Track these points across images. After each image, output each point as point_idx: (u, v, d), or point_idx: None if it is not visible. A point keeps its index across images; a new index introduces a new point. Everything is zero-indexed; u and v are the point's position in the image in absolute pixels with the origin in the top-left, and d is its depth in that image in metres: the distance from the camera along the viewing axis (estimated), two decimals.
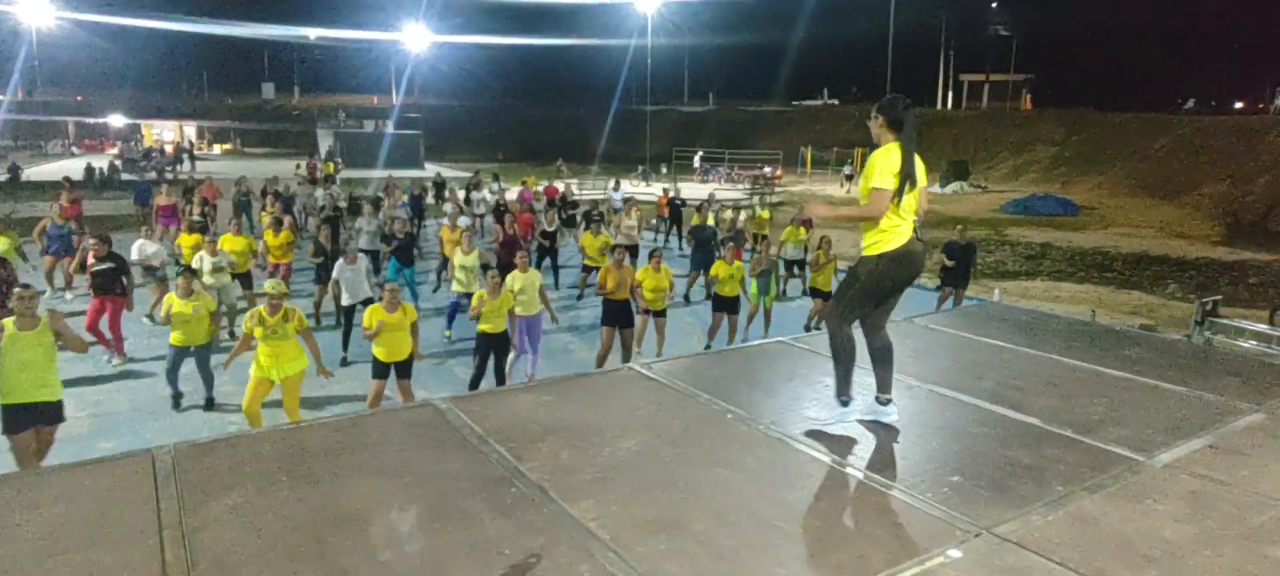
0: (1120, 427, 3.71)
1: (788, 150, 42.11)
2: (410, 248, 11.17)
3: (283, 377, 6.31)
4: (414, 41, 53.94)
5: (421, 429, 3.65)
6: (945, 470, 3.27)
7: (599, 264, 11.26)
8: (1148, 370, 4.65)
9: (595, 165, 42.27)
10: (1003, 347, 5.14)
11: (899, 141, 3.44)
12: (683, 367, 4.67)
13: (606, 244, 11.50)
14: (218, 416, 7.42)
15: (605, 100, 52.76)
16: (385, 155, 37.96)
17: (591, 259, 11.79)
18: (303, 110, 61.14)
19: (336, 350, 8.93)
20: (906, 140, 3.45)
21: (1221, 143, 30.44)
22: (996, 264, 17.99)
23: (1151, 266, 18.16)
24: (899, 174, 3.37)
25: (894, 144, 3.45)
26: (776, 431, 3.67)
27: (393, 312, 6.70)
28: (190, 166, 34.86)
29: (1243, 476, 3.23)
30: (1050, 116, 42.19)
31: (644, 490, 3.05)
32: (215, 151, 51.26)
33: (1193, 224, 24.97)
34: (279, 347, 6.28)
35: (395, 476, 3.13)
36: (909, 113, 3.49)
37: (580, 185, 27.04)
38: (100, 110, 51.46)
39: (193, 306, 7.20)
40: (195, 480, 3.05)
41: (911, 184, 3.42)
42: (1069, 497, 3.00)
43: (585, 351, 9.74)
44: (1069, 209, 27.81)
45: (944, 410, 4.01)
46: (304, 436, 3.52)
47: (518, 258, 8.47)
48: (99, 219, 17.10)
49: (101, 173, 29.36)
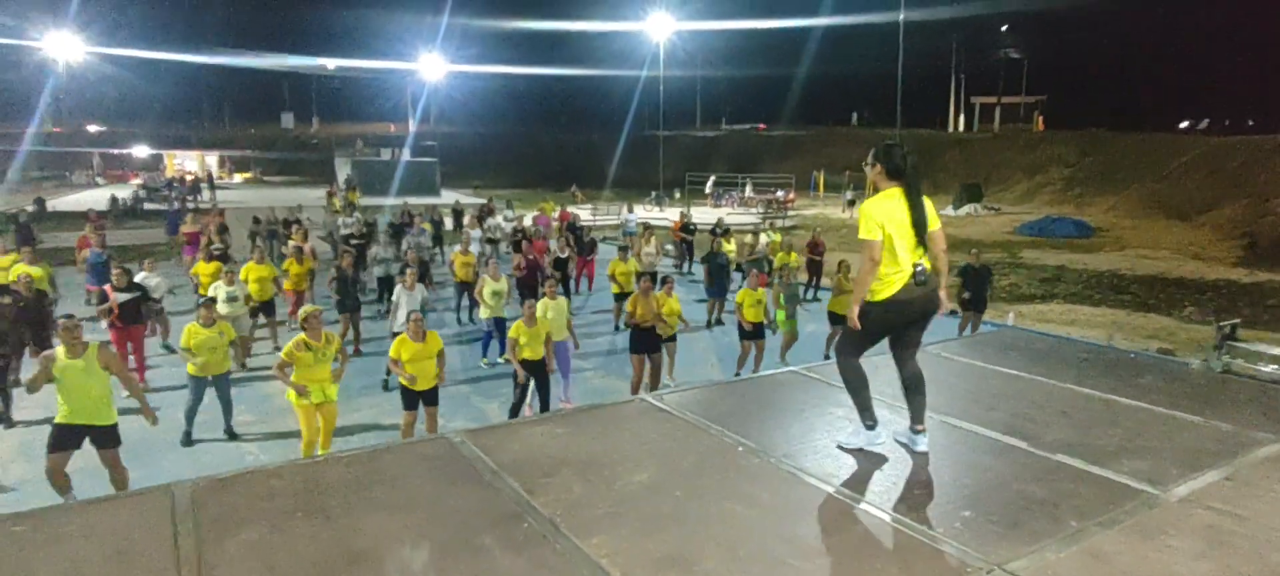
0: (1135, 459, 3.68)
1: (800, 174, 42.21)
2: (425, 273, 11.32)
3: (327, 402, 6.48)
4: (430, 70, 54.71)
5: (435, 463, 3.69)
6: (957, 504, 3.26)
7: (628, 290, 11.32)
8: (1163, 399, 4.61)
9: (608, 190, 42.55)
10: (1016, 376, 5.12)
11: (901, 189, 3.49)
12: (695, 399, 4.69)
13: (635, 270, 11.54)
14: (235, 447, 7.50)
15: (618, 125, 53.18)
16: (402, 183, 38.38)
17: (621, 286, 11.84)
18: (321, 139, 62.03)
19: (370, 376, 9.10)
20: (910, 189, 3.49)
21: (1237, 163, 30.19)
22: (1011, 287, 17.87)
23: (1168, 289, 17.97)
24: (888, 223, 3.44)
25: (894, 191, 3.50)
26: (788, 464, 3.67)
27: (420, 342, 6.79)
28: (211, 195, 35.43)
29: (1261, 510, 3.20)
30: (1063, 138, 42.05)
31: (655, 525, 3.07)
32: (236, 180, 52.11)
33: (1209, 245, 24.71)
34: (319, 372, 6.43)
35: (409, 512, 3.16)
36: (910, 161, 3.54)
37: (594, 211, 27.22)
38: (124, 141, 52.52)
39: (218, 333, 7.32)
40: (213, 515, 3.10)
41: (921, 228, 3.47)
42: (1083, 533, 2.98)
43: (601, 379, 9.78)
44: (1084, 231, 27.63)
45: (956, 442, 4.00)
46: (320, 471, 3.56)
47: (547, 286, 8.58)
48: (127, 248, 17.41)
49: (124, 203, 29.90)
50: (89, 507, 3.30)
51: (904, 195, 3.48)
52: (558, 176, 47.12)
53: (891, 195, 3.50)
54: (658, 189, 37.39)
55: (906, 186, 3.50)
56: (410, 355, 6.77)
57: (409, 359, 6.76)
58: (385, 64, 58.52)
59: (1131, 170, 34.79)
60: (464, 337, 11.58)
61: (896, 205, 3.48)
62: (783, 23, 54.37)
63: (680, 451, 3.85)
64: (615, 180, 47.29)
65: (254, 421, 8.12)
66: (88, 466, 5.78)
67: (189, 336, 7.33)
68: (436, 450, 3.85)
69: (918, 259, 3.54)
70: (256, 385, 9.22)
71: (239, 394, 8.12)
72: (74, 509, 3.40)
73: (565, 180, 44.13)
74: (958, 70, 54.70)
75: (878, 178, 3.58)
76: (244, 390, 8.68)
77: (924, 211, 3.50)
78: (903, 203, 3.47)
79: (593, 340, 11.54)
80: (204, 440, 7.55)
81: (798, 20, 52.40)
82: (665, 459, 3.74)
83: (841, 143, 47.90)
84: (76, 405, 5.57)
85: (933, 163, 44.70)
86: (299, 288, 11.68)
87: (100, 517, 3.12)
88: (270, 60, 58.60)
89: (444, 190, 40.92)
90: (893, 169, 3.53)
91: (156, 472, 6.03)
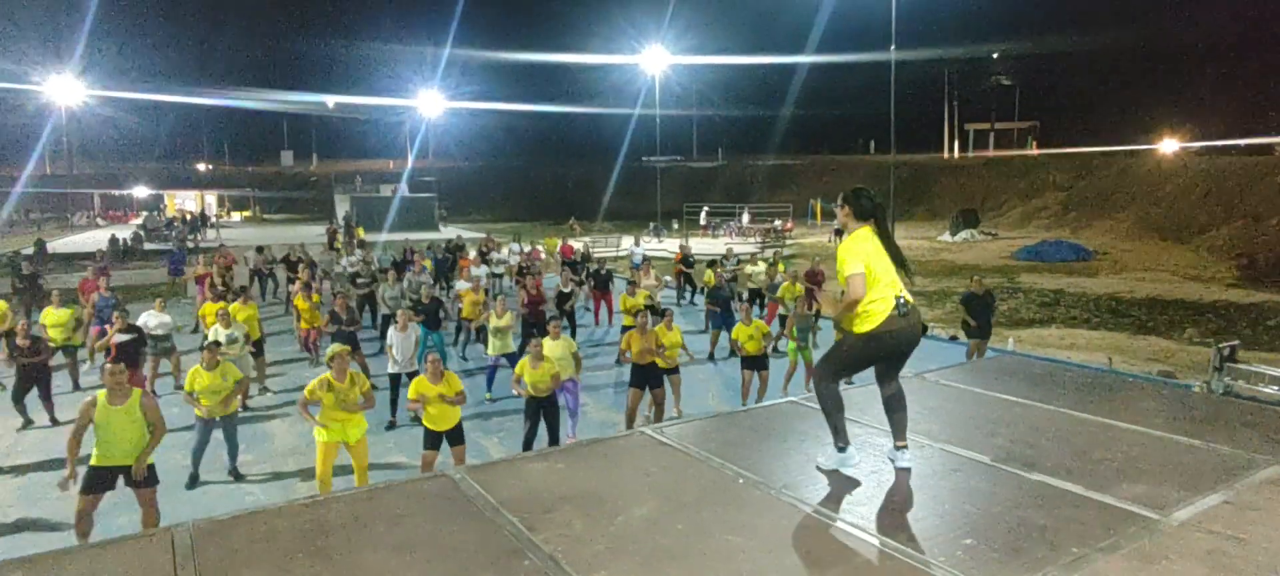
0: (1135, 484, 3.69)
1: (798, 203, 42.46)
2: (436, 312, 11.34)
3: (355, 440, 6.49)
4: (428, 106, 55.29)
5: (436, 500, 3.69)
6: (959, 532, 3.26)
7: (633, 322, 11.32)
8: (1162, 422, 4.62)
9: (606, 222, 42.76)
10: (1015, 402, 5.13)
11: (871, 228, 3.72)
12: (695, 431, 4.69)
13: (642, 303, 11.58)
14: (236, 488, 7.47)
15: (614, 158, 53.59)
16: (401, 218, 38.58)
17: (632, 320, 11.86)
18: (320, 176, 62.49)
19: (377, 414, 9.10)
20: (880, 227, 3.73)
21: (1231, 183, 30.40)
22: (1011, 312, 17.90)
23: (1167, 310, 18.01)
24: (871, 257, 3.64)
25: (866, 230, 3.72)
26: (789, 495, 3.67)
27: (438, 383, 6.83)
28: (216, 233, 35.61)
29: (1262, 533, 3.19)
30: (1057, 162, 42.39)
31: (657, 560, 3.06)
32: (235, 219, 52.38)
33: (1207, 266, 24.80)
34: (343, 414, 6.44)
35: (409, 550, 3.16)
36: (876, 203, 3.79)
37: (592, 243, 27.36)
38: (124, 181, 52.89)
39: (221, 376, 7.34)
40: (213, 558, 3.09)
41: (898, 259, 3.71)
42: (1083, 559, 2.98)
43: (603, 412, 9.77)
44: (1081, 254, 27.73)
45: (956, 470, 4.00)
46: (321, 511, 3.56)
47: (552, 326, 8.62)
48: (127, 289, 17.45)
49: (125, 243, 30.02)
50: (89, 551, 3.30)
51: (876, 233, 3.70)
52: (556, 209, 47.43)
53: (865, 235, 3.71)
54: (656, 220, 37.60)
55: (876, 225, 3.73)
56: (429, 394, 6.82)
57: (428, 397, 6.80)
58: (385, 101, 59.23)
59: (1126, 193, 35.03)
60: (464, 372, 11.59)
61: (873, 243, 3.69)
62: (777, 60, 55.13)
63: (681, 484, 3.85)
64: (612, 212, 47.56)
65: (254, 461, 8.10)
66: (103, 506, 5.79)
67: (192, 380, 7.35)
68: (437, 487, 3.86)
69: (899, 292, 3.70)
70: (255, 425, 9.21)
71: (240, 434, 8.10)
72: (73, 553, 3.39)
73: (563, 213, 44.39)
74: (951, 97, 55.31)
75: (847, 219, 3.81)
76: (243, 430, 8.66)
77: (897, 247, 3.73)
78: (876, 241, 3.69)
79: (597, 374, 11.54)
80: (206, 482, 7.53)
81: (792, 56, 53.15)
82: (666, 492, 3.74)
83: (838, 171, 48.30)
84: (114, 449, 5.65)
85: (928, 189, 45.02)
86: (313, 323, 11.69)
87: (100, 562, 3.11)
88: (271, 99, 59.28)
89: (443, 225, 41.11)
90: (861, 211, 3.76)
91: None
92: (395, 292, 12.43)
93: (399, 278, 12.91)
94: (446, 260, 18.46)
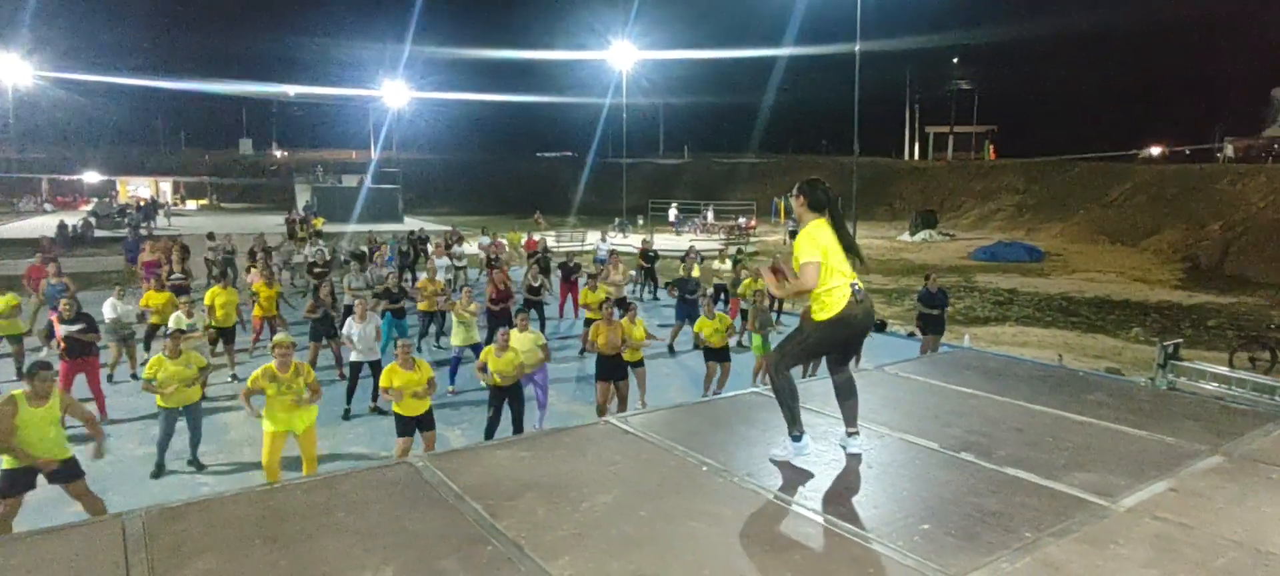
0: (1085, 472, 3.80)
1: (761, 201, 42.81)
2: (401, 301, 11.23)
3: (302, 429, 6.37)
4: (393, 97, 54.40)
5: (397, 487, 3.64)
6: (916, 519, 3.33)
7: (597, 316, 11.31)
8: (1110, 414, 4.77)
9: (572, 217, 42.62)
10: (971, 394, 5.25)
11: (825, 219, 3.79)
12: (659, 420, 4.71)
13: (603, 298, 11.57)
14: (190, 478, 7.29)
15: (581, 153, 53.45)
16: (364, 209, 37.95)
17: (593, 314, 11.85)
18: (280, 165, 61.11)
19: (338, 404, 8.96)
20: (834, 218, 3.80)
21: (1176, 189, 31.48)
22: (967, 310, 18.30)
23: (1115, 311, 18.59)
24: (827, 248, 3.71)
25: (820, 221, 3.79)
26: (752, 483, 3.71)
27: (410, 371, 6.78)
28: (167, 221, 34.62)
29: (1204, 519, 3.32)
30: (1013, 166, 43.44)
31: (621, 546, 3.07)
32: (190, 207, 50.94)
33: (1152, 268, 25.65)
34: (287, 404, 6.32)
35: (370, 537, 3.12)
36: (830, 195, 3.87)
37: (557, 237, 27.26)
38: (74, 166, 51.09)
39: (185, 364, 7.16)
40: (166, 545, 3.02)
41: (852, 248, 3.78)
42: (1036, 544, 3.07)
43: (567, 404, 9.74)
44: (1034, 255, 28.47)
45: (914, 459, 4.08)
46: (279, 498, 3.50)
47: (519, 319, 8.57)
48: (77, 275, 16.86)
49: (74, 229, 29.03)
50: (36, 539, 3.19)
51: (830, 224, 3.77)
52: (521, 203, 47.12)
53: (821, 225, 3.78)
54: (621, 216, 37.58)
55: (830, 216, 3.80)
56: (402, 383, 6.75)
57: (400, 385, 6.75)
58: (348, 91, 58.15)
59: (1077, 197, 36.06)
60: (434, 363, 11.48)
61: (827, 233, 3.76)
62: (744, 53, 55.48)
63: (645, 472, 3.86)
64: (579, 207, 47.43)
65: (212, 451, 7.91)
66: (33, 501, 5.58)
67: (154, 368, 7.14)
68: (398, 475, 3.81)
69: (854, 279, 3.79)
70: (214, 415, 8.99)
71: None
72: (20, 541, 3.28)
73: (528, 207, 44.12)
74: (912, 101, 56.33)
75: (802, 210, 3.89)
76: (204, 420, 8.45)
77: (851, 237, 3.80)
78: (830, 230, 3.76)
79: (562, 365, 11.51)
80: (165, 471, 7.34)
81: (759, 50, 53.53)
82: (630, 480, 3.75)
83: (802, 170, 48.73)
84: (33, 451, 5.44)
85: (889, 190, 45.78)
86: (269, 313, 11.49)
87: (49, 550, 3.01)
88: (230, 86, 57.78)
89: (407, 217, 40.55)
90: (815, 202, 3.84)
91: (113, 505, 5.83)
92: (360, 283, 12.26)
93: (362, 268, 12.75)
94: (408, 253, 18.24)
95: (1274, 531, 3.18)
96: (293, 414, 6.36)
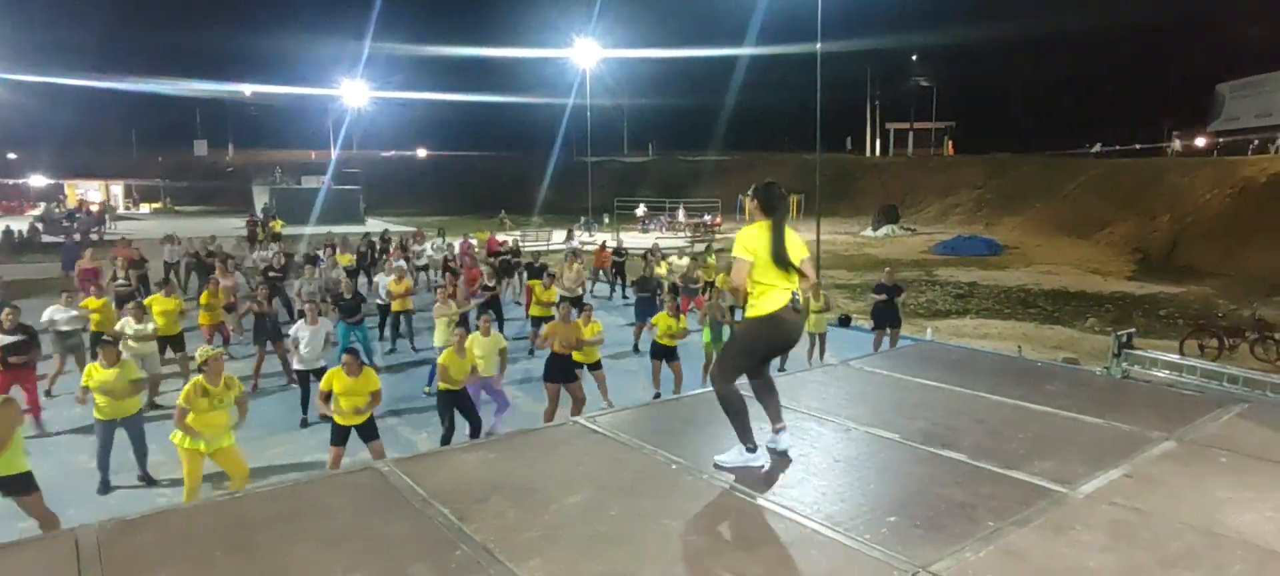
0: (1045, 461, 3.89)
1: (727, 198, 43.04)
2: (358, 307, 10.97)
3: (217, 450, 6.08)
4: (352, 96, 53.49)
5: (364, 493, 3.59)
6: (883, 510, 3.37)
7: (547, 315, 11.25)
8: (1068, 403, 4.89)
9: (537, 216, 42.40)
10: (934, 387, 5.34)
11: (769, 223, 3.79)
12: (627, 419, 4.71)
13: (556, 297, 11.54)
14: (147, 492, 7.08)
15: (546, 151, 53.17)
16: (325, 211, 37.22)
17: (544, 310, 11.77)
18: (237, 166, 59.73)
19: (294, 412, 8.77)
20: (777, 225, 3.79)
21: (1127, 183, 32.37)
22: (928, 303, 18.62)
23: (1072, 302, 19.07)
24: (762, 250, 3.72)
25: (764, 224, 3.79)
26: (721, 480, 3.73)
27: (354, 377, 6.59)
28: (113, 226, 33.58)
29: (1159, 504, 3.42)
30: (971, 162, 44.31)
31: (592, 546, 3.06)
32: (144, 210, 49.49)
33: (1106, 260, 26.36)
34: (216, 418, 6.07)
35: (337, 544, 3.07)
36: (782, 199, 3.89)
37: (522, 237, 27.06)
38: (20, 169, 49.32)
39: (117, 374, 6.89)
40: (122, 559, 2.93)
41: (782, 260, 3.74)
42: (999, 532, 3.13)
43: (533, 405, 9.67)
44: (993, 249, 29.08)
45: (879, 451, 4.14)
46: (242, 507, 3.42)
47: (481, 321, 8.45)
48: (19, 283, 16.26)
49: (20, 235, 28.04)
50: None
51: (770, 229, 3.76)
52: (486, 203, 46.73)
53: (762, 227, 3.79)
54: (587, 215, 37.48)
55: (774, 222, 3.79)
56: (342, 389, 6.56)
57: (341, 392, 6.55)
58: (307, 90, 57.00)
59: (1034, 191, 36.89)
60: (394, 366, 11.34)
61: (764, 236, 3.75)
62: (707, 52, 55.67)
63: (614, 471, 3.86)
64: (544, 205, 47.19)
65: (166, 463, 7.67)
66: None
67: (88, 376, 6.88)
68: (365, 480, 3.75)
69: (794, 289, 3.80)
70: (167, 425, 8.74)
71: (149, 434, 7.67)
72: None
73: (493, 207, 43.77)
74: (873, 98, 57.14)
75: (754, 211, 3.91)
76: (153, 429, 8.20)
77: (785, 245, 3.75)
78: (768, 235, 3.75)
79: (526, 364, 11.44)
80: (116, 487, 7.11)
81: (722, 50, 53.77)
82: (599, 479, 3.74)
83: (767, 167, 49.17)
84: None
85: (852, 186, 46.37)
86: (216, 320, 11.21)
87: None
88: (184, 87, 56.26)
89: (369, 218, 39.95)
90: (766, 205, 3.85)
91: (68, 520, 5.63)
92: (312, 287, 12.01)
93: (315, 273, 12.50)
94: (366, 255, 17.95)
95: (1226, 514, 3.29)
96: (210, 433, 6.05)
